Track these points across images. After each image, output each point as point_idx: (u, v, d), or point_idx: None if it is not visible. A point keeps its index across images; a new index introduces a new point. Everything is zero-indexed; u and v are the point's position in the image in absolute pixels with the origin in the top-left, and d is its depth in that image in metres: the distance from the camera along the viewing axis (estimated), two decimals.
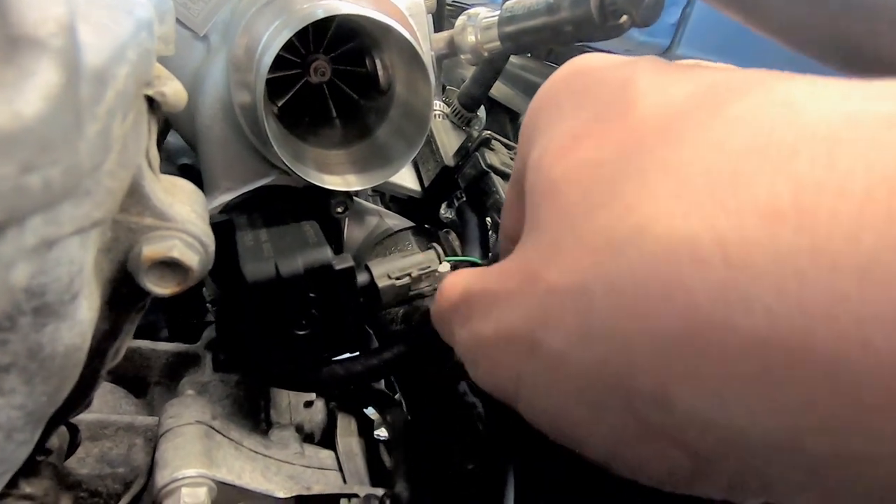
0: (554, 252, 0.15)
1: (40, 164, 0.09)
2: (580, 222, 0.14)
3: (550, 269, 0.14)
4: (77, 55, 0.10)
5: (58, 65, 0.09)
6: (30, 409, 0.16)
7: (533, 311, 0.15)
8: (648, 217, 0.12)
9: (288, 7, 0.30)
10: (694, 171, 0.12)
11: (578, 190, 0.15)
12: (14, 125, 0.08)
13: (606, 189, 0.14)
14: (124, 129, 0.13)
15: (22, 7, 0.08)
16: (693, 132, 0.13)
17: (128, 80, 0.12)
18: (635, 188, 0.13)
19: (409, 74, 0.32)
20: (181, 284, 0.19)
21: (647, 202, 0.13)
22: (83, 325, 0.16)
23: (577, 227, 0.14)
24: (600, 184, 0.14)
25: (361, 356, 0.31)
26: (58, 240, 0.11)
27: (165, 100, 0.17)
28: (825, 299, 0.10)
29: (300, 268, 0.26)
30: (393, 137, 0.34)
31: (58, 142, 0.09)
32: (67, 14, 0.09)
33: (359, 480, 0.30)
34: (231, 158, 0.33)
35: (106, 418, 0.32)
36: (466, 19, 0.35)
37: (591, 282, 0.13)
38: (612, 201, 0.14)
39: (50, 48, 0.09)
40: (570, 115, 0.17)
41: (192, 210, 0.20)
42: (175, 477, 0.23)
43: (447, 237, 0.41)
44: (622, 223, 0.13)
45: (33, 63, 0.09)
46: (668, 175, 0.13)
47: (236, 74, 0.31)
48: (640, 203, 0.13)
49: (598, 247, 0.13)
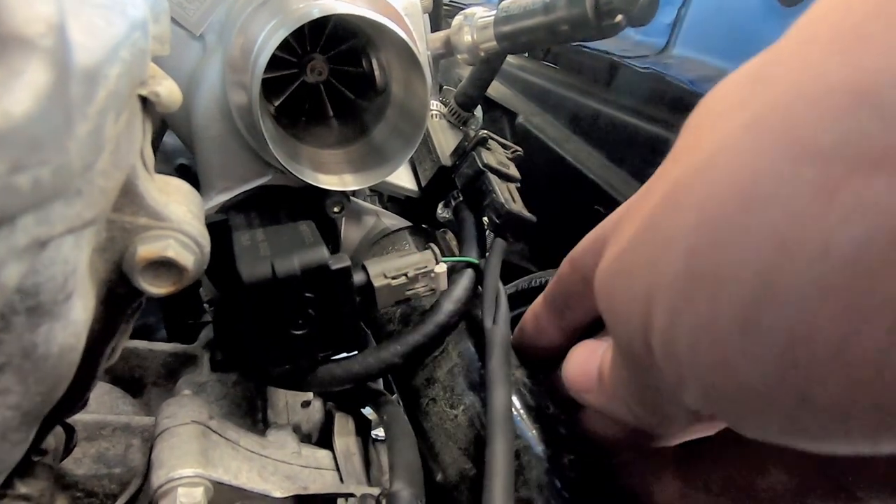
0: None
1: (30, 164, 0.09)
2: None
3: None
4: (67, 55, 0.10)
5: (47, 64, 0.09)
6: (25, 409, 0.16)
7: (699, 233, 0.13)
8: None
9: (284, 7, 0.30)
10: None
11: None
12: (2, 125, 0.08)
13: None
14: (117, 129, 0.13)
15: (10, 6, 0.08)
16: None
17: (120, 80, 0.12)
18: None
19: (405, 74, 0.32)
20: (176, 284, 0.19)
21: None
22: (78, 325, 0.16)
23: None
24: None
25: (360, 356, 0.31)
26: (50, 239, 0.12)
27: (160, 100, 0.17)
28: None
29: (296, 268, 0.26)
30: (390, 137, 0.34)
31: (47, 141, 0.09)
32: (57, 13, 0.09)
33: (356, 480, 0.30)
34: (227, 158, 0.33)
35: (103, 418, 0.32)
36: (463, 19, 0.35)
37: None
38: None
39: (39, 47, 0.09)
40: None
41: (188, 210, 0.20)
42: (171, 477, 0.23)
43: (444, 237, 0.41)
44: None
45: (22, 62, 0.09)
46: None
47: (232, 74, 0.31)
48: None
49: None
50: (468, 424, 0.29)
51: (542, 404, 0.29)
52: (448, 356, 0.32)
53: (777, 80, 0.12)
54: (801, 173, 0.10)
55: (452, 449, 0.29)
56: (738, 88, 0.13)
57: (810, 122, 0.10)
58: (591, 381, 0.21)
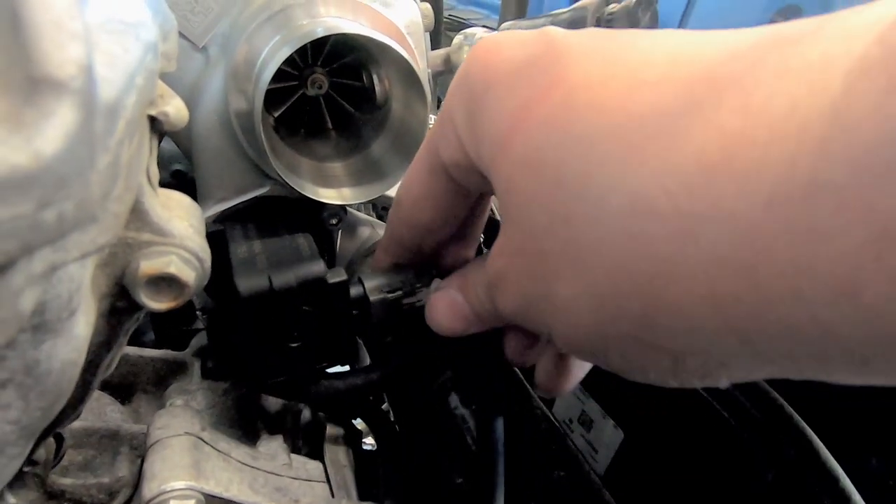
0: (541, 231, 0.17)
1: (55, 200, 0.09)
2: (549, 202, 0.17)
3: (548, 242, 0.17)
4: (94, 93, 0.10)
5: (76, 104, 0.09)
6: (24, 424, 0.16)
7: (541, 269, 0.18)
8: (605, 186, 0.15)
9: (288, 23, 0.30)
10: (637, 138, 0.15)
11: (537, 174, 0.17)
12: (33, 165, 0.09)
13: (562, 169, 0.16)
14: (130, 154, 0.13)
15: (43, 48, 0.09)
16: (623, 100, 0.16)
17: (136, 108, 0.13)
18: (586, 162, 0.16)
19: (405, 91, 0.32)
20: (177, 299, 0.19)
21: (600, 171, 0.15)
22: (79, 341, 0.16)
23: (548, 210, 0.17)
24: (554, 165, 0.17)
25: (362, 370, 0.31)
26: (64, 265, 0.12)
27: (168, 119, 0.17)
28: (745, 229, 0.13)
29: (293, 281, 0.27)
30: (388, 152, 0.34)
31: (73, 177, 0.10)
32: (86, 55, 0.09)
33: (346, 493, 0.31)
34: (226, 168, 0.33)
35: (91, 426, 0.32)
36: (463, 38, 0.36)
37: (582, 238, 0.16)
38: (570, 178, 0.16)
39: (70, 89, 0.09)
40: (509, 96, 0.18)
41: (190, 225, 0.20)
42: (163, 489, 0.23)
43: None
44: (588, 193, 0.16)
45: (53, 104, 0.09)
46: (614, 144, 0.15)
47: (235, 83, 0.31)
48: (595, 172, 0.16)
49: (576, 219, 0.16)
50: (461, 435, 0.30)
51: (534, 420, 0.29)
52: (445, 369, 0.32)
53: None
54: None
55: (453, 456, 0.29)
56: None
57: None
58: (465, 321, 0.24)
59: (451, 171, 0.22)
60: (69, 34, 0.09)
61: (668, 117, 0.14)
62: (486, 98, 0.19)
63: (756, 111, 0.13)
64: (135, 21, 0.16)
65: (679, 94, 0.15)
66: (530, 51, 0.18)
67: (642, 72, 0.16)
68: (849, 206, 0.11)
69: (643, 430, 0.38)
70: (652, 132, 0.15)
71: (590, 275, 0.16)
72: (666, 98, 0.15)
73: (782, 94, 0.12)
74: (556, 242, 0.17)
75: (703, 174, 0.13)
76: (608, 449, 0.41)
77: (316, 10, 0.31)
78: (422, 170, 0.23)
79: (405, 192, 0.25)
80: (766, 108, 0.13)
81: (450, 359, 0.31)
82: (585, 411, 0.43)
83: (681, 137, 0.14)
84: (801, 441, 0.27)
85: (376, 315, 0.30)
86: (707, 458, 0.33)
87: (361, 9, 0.32)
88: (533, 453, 0.28)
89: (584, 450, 0.43)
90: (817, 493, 0.25)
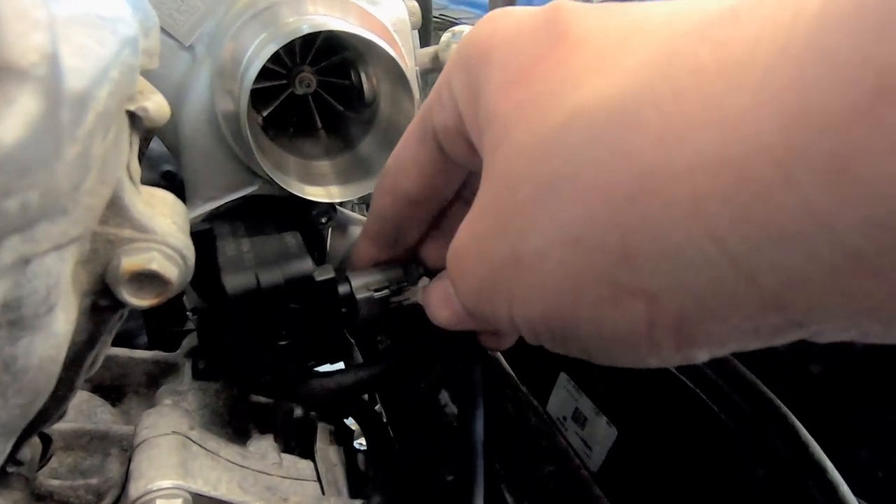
0: (521, 160, 0.17)
1: (18, 188, 0.09)
2: (536, 127, 0.16)
3: (520, 180, 0.17)
4: (59, 81, 0.10)
5: (39, 93, 0.09)
6: (2, 422, 0.16)
7: (512, 224, 0.17)
8: (592, 106, 0.15)
9: (275, 21, 0.30)
10: (629, 60, 0.15)
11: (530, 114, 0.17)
12: None
13: (553, 102, 0.16)
14: (105, 148, 0.13)
15: (5, 36, 0.09)
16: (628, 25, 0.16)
17: (109, 100, 0.13)
18: (576, 93, 0.16)
19: (393, 89, 0.32)
20: (160, 297, 0.19)
21: (587, 93, 0.15)
22: (59, 338, 0.16)
23: (534, 133, 0.16)
24: (547, 106, 0.16)
25: (352, 368, 0.31)
26: (34, 257, 0.12)
27: (148, 115, 0.17)
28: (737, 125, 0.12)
29: (281, 279, 0.27)
30: (376, 150, 0.34)
31: (36, 166, 0.09)
32: (50, 43, 0.09)
33: (337, 491, 0.30)
34: (214, 168, 0.33)
35: (80, 427, 0.31)
36: (451, 36, 0.36)
37: (562, 170, 0.16)
38: (557, 110, 0.16)
39: (32, 77, 0.09)
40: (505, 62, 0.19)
41: (173, 222, 0.20)
42: (150, 489, 0.23)
43: None
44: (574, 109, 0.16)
45: (15, 92, 0.09)
46: (604, 69, 0.15)
47: (221, 82, 0.31)
48: (583, 96, 0.16)
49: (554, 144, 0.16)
50: (452, 432, 0.30)
51: (524, 415, 0.29)
52: (435, 366, 0.32)
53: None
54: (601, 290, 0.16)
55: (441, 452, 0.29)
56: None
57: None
58: (450, 310, 0.24)
59: (441, 137, 0.22)
60: (32, 23, 0.09)
61: (659, 35, 0.15)
62: (491, 57, 0.19)
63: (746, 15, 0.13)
64: (112, 16, 0.15)
65: (671, 26, 0.15)
66: (539, 16, 0.18)
67: (642, 23, 0.16)
68: (842, 66, 0.11)
69: (637, 426, 0.38)
70: (640, 47, 0.15)
71: (566, 212, 0.15)
72: (659, 33, 0.15)
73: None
74: (532, 185, 0.16)
75: (692, 76, 0.13)
76: (602, 446, 0.41)
77: (303, 8, 0.31)
78: (412, 136, 0.24)
79: (393, 160, 0.25)
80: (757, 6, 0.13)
81: (438, 355, 0.31)
82: (579, 408, 0.43)
83: (669, 47, 0.14)
84: (791, 435, 0.27)
85: (363, 313, 0.30)
86: (699, 453, 0.33)
87: (349, 6, 0.32)
88: (523, 448, 0.28)
89: (577, 447, 0.43)
90: (807, 486, 0.25)
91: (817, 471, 0.25)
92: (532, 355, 0.43)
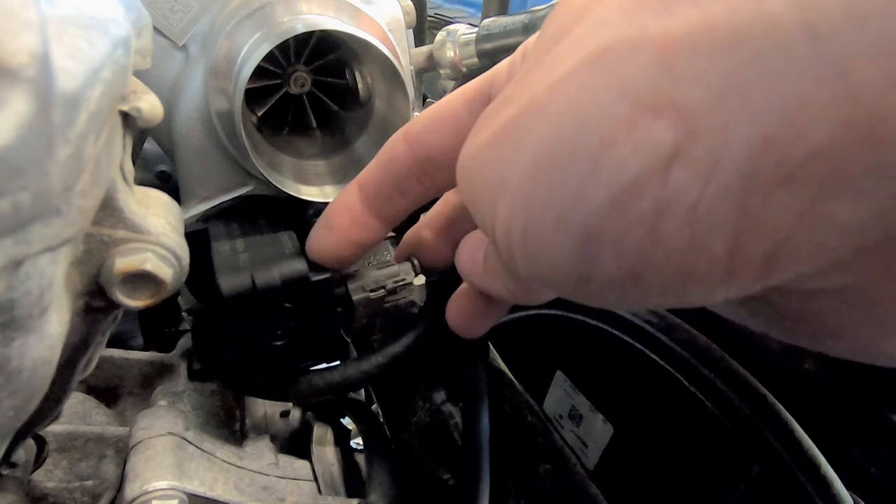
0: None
1: (10, 190, 0.09)
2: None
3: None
4: (50, 82, 0.10)
5: (30, 94, 0.09)
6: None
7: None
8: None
9: (269, 20, 0.30)
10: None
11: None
12: None
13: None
14: (97, 148, 0.13)
15: None
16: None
17: (101, 100, 0.13)
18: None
19: (387, 89, 0.32)
20: (154, 297, 0.19)
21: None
22: (52, 339, 0.16)
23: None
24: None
25: (340, 366, 0.31)
26: (27, 258, 0.12)
27: (141, 115, 0.17)
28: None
29: (276, 279, 0.26)
30: (372, 149, 0.34)
31: (28, 167, 0.09)
32: (41, 43, 0.09)
33: (334, 491, 0.30)
34: (208, 168, 0.33)
35: (75, 429, 0.31)
36: (446, 35, 0.36)
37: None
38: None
39: (22, 78, 0.09)
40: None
41: (167, 222, 0.20)
42: (145, 490, 0.23)
43: None
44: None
45: (5, 92, 0.09)
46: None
47: (215, 81, 0.31)
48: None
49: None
50: (449, 432, 0.30)
51: (520, 413, 0.29)
52: (427, 366, 0.32)
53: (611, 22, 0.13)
54: (617, 109, 0.13)
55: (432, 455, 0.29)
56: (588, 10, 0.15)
57: (630, 68, 0.13)
58: (478, 266, 0.22)
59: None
60: (23, 23, 0.09)
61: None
62: (581, 20, 0.16)
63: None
64: (104, 17, 0.15)
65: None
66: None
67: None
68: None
69: (632, 424, 0.38)
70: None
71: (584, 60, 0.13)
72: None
73: None
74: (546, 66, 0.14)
75: None
76: (598, 444, 0.41)
77: (297, 7, 0.31)
78: (460, 95, 0.22)
79: (428, 112, 0.22)
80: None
81: (434, 353, 0.31)
82: (575, 406, 0.43)
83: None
84: (786, 431, 0.27)
85: (359, 313, 0.30)
86: (694, 450, 0.33)
87: (343, 6, 0.32)
88: (518, 446, 0.28)
89: (574, 445, 0.43)
90: (801, 482, 0.26)
91: (811, 467, 0.25)
92: (529, 353, 0.44)
